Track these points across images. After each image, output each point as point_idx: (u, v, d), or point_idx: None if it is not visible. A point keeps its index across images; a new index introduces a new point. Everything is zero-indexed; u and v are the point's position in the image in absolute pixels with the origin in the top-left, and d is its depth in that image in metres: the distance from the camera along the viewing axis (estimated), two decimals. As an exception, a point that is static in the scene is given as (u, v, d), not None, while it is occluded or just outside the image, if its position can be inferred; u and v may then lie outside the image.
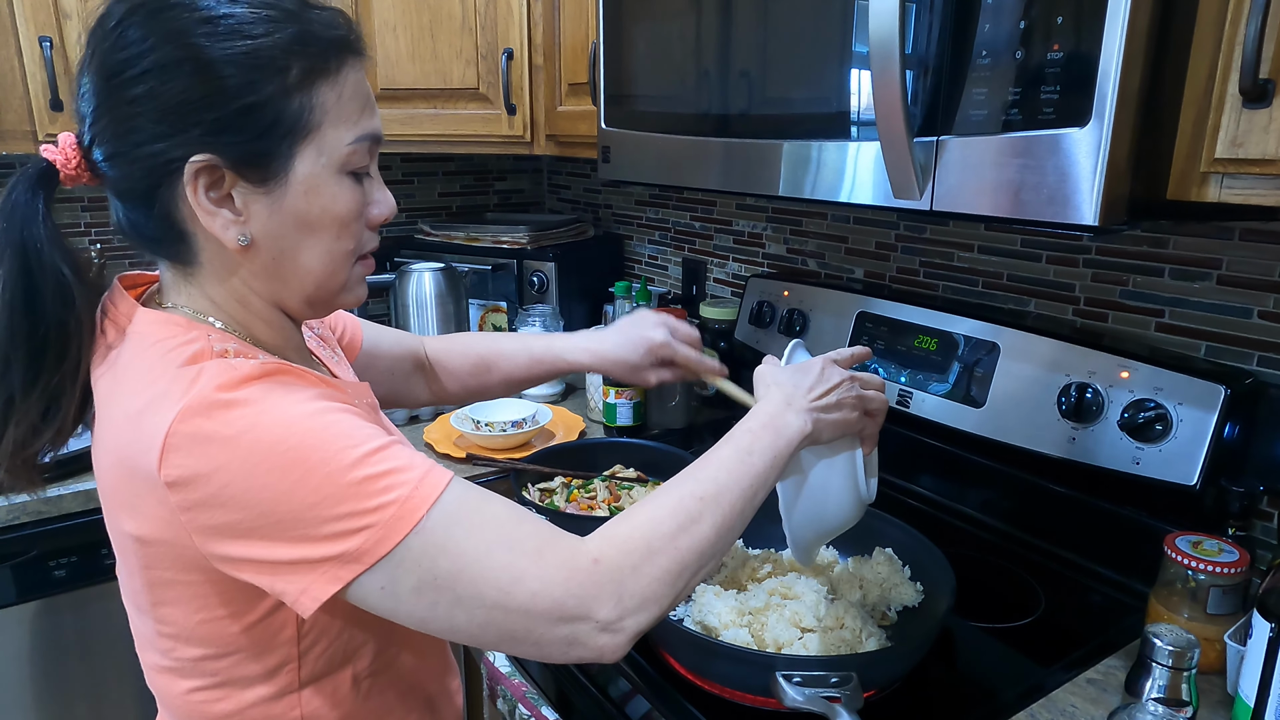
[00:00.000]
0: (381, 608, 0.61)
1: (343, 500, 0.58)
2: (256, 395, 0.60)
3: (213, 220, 0.64)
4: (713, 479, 0.70)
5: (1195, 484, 0.99)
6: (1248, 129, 0.71)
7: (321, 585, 0.59)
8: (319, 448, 0.59)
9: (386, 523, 0.59)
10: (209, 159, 0.62)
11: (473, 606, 0.60)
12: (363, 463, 0.59)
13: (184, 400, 0.59)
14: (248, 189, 0.64)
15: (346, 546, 0.58)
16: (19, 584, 1.40)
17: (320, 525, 0.58)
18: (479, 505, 0.63)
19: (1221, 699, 0.88)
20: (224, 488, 0.58)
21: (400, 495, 0.59)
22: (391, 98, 1.75)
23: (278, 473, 0.58)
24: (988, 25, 0.81)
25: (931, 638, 0.88)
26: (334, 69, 0.65)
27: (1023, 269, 1.31)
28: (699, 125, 1.17)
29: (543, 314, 1.81)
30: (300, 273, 0.69)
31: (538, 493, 1.30)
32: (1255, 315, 1.07)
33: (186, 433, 0.58)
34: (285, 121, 0.63)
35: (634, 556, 0.63)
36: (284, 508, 0.58)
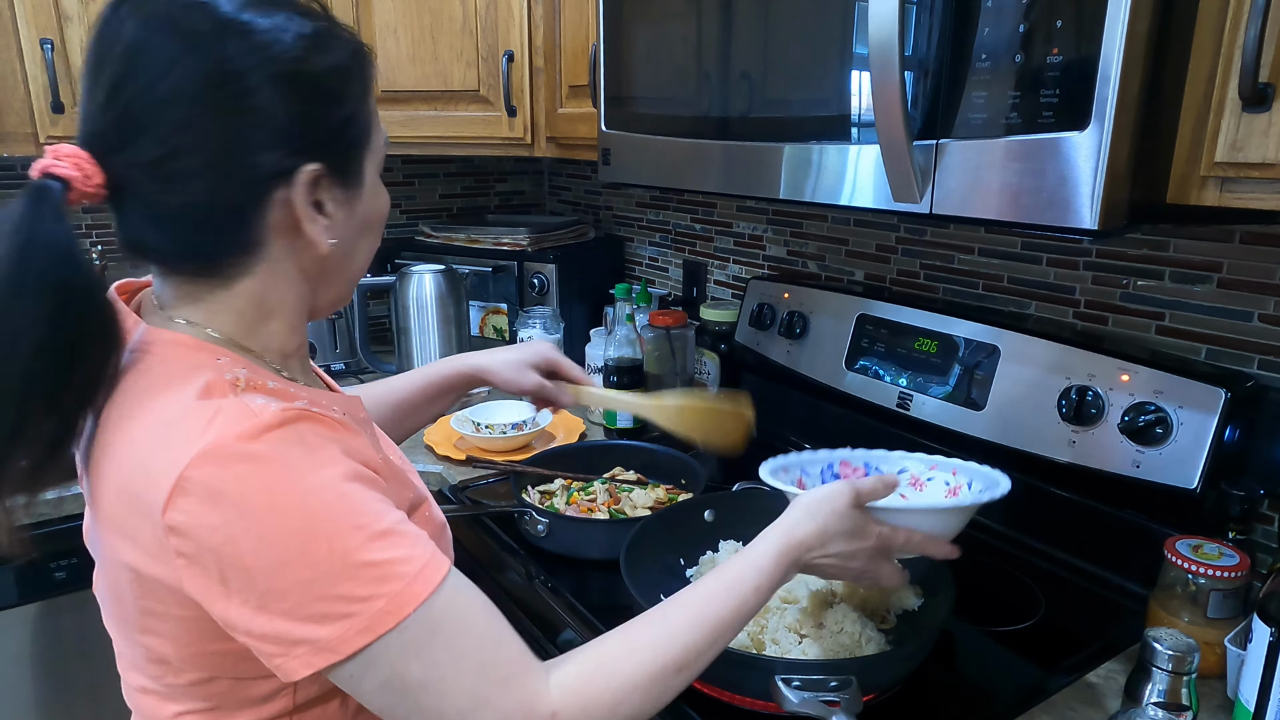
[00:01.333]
0: (345, 687, 0.60)
1: (337, 582, 0.57)
2: (276, 452, 0.58)
3: (314, 226, 0.65)
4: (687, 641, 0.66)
5: (1195, 487, 0.99)
6: (1247, 133, 0.71)
7: (295, 666, 0.58)
8: (329, 523, 0.57)
9: (373, 614, 0.57)
10: (318, 167, 0.64)
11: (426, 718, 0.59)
12: (366, 546, 0.58)
13: (200, 444, 0.56)
14: (336, 194, 0.67)
15: (327, 633, 0.57)
16: (20, 586, 1.40)
17: (309, 604, 0.57)
18: (463, 614, 0.61)
19: (1221, 703, 0.88)
20: (224, 545, 0.56)
21: (392, 590, 0.57)
22: (392, 100, 1.75)
23: (281, 543, 0.56)
24: (987, 29, 0.81)
25: (931, 641, 0.87)
26: (371, 78, 0.69)
27: (1023, 272, 1.31)
28: (699, 128, 1.18)
29: (543, 316, 1.81)
30: (350, 270, 0.73)
31: (537, 495, 1.30)
32: (1256, 319, 1.06)
33: (199, 481, 0.56)
34: (360, 130, 0.68)
35: (593, 695, 0.62)
36: (277, 579, 0.56)
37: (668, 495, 1.30)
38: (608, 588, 1.11)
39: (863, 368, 1.40)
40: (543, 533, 1.17)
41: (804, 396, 1.54)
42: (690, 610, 0.68)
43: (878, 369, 1.38)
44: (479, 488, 1.40)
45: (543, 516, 1.17)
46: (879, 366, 1.38)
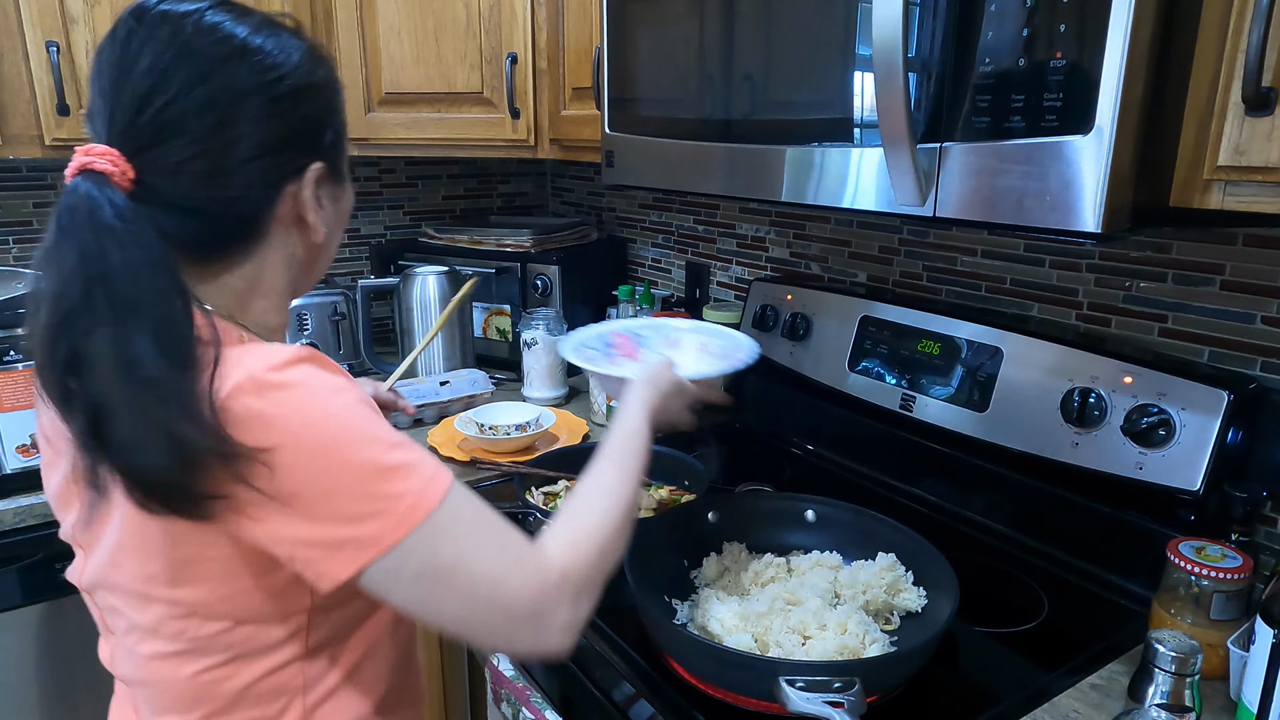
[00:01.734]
0: (380, 589, 0.66)
1: (369, 485, 0.64)
2: (302, 378, 0.65)
3: (317, 215, 0.76)
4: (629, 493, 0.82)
5: (1198, 489, 1.00)
6: (1250, 137, 0.72)
7: (338, 566, 0.64)
8: (355, 436, 0.65)
9: (404, 511, 0.64)
10: (322, 166, 0.74)
11: (464, 598, 0.67)
12: (389, 449, 0.66)
13: (235, 379, 0.63)
14: (329, 189, 0.77)
15: (366, 530, 0.64)
16: (25, 587, 1.40)
17: (348, 503, 0.64)
18: (476, 506, 0.70)
19: (1224, 705, 0.88)
20: (268, 464, 0.62)
21: (416, 486, 0.65)
22: (396, 102, 1.75)
23: (317, 455, 0.63)
24: (991, 32, 0.82)
25: (935, 643, 0.88)
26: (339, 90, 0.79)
27: (1026, 274, 1.31)
28: (702, 130, 1.18)
29: (546, 317, 1.81)
30: (327, 257, 0.83)
31: (541, 496, 1.30)
32: (1259, 321, 1.07)
33: (237, 409, 0.62)
34: (344, 135, 0.79)
35: (590, 571, 0.73)
36: (317, 487, 0.63)
37: (671, 497, 1.30)
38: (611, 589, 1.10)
39: (865, 369, 1.40)
40: (546, 534, 1.17)
41: (806, 398, 1.54)
42: (617, 469, 0.84)
43: (880, 371, 1.38)
44: (483, 489, 1.40)
45: (547, 518, 1.17)
46: (881, 368, 1.38)
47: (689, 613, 1.00)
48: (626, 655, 0.96)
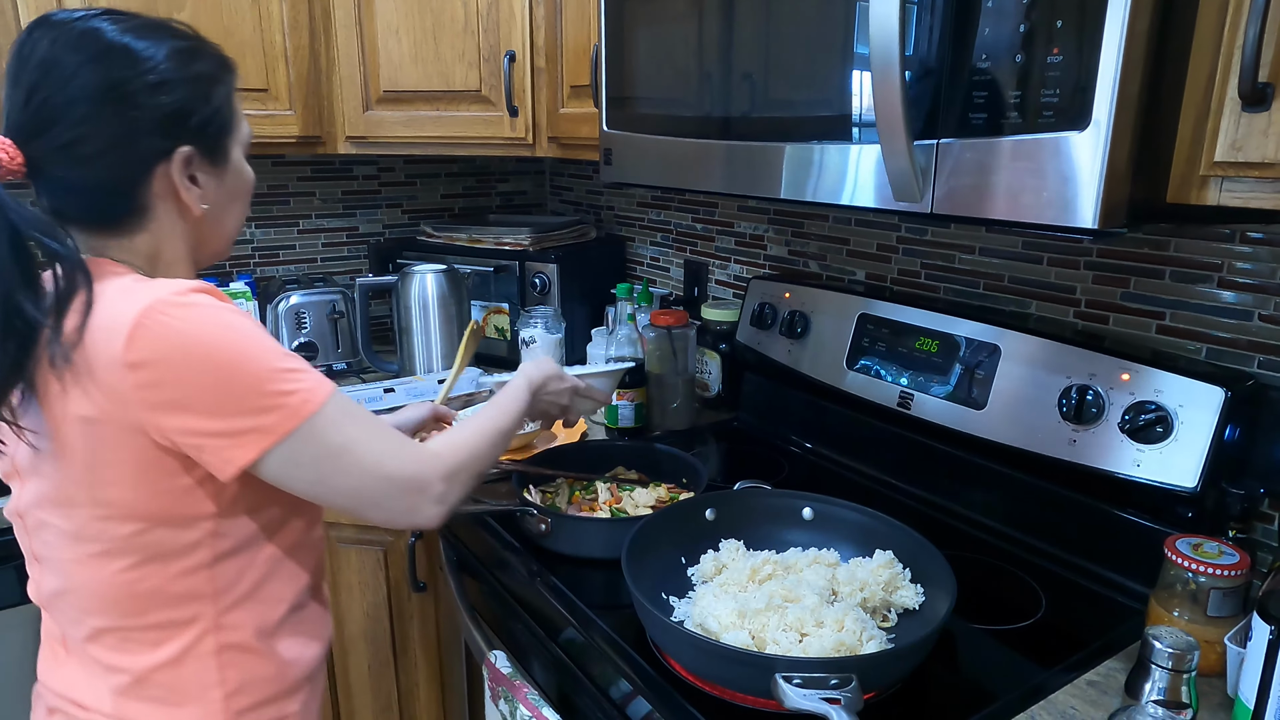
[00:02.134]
0: (280, 476, 0.80)
1: (267, 381, 0.77)
2: (203, 301, 0.77)
3: (188, 194, 0.85)
4: (503, 424, 1.04)
5: (1196, 486, 1.00)
6: (1247, 132, 0.72)
7: (243, 452, 0.77)
8: (251, 344, 0.77)
9: (296, 404, 0.78)
10: (190, 150, 0.83)
11: (353, 473, 0.82)
12: (281, 358, 0.79)
13: (145, 301, 0.75)
14: (207, 171, 0.86)
15: (265, 420, 0.77)
16: (22, 585, 1.40)
17: (248, 399, 0.76)
18: (360, 408, 0.86)
19: (1221, 701, 0.88)
20: (178, 367, 0.74)
21: (306, 385, 0.79)
22: (394, 100, 1.75)
23: (223, 358, 0.76)
24: (988, 28, 0.82)
25: (932, 640, 0.88)
26: (235, 84, 0.90)
27: (1024, 271, 1.31)
28: (701, 128, 1.18)
29: (544, 315, 1.82)
30: (223, 231, 0.92)
31: (539, 494, 1.30)
32: (1256, 318, 1.07)
33: (149, 323, 0.74)
34: (226, 122, 0.88)
35: (463, 461, 0.92)
36: (224, 386, 0.76)
37: (669, 494, 1.30)
38: (609, 586, 1.11)
39: (864, 367, 1.40)
40: (545, 531, 1.17)
41: (805, 396, 1.54)
42: (493, 409, 1.05)
43: (879, 368, 1.38)
44: (481, 487, 1.40)
45: (545, 515, 1.17)
46: (880, 366, 1.38)
47: (686, 610, 1.00)
48: (624, 652, 0.96)
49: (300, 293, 1.92)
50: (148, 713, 0.85)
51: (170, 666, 0.85)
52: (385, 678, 1.68)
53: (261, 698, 0.90)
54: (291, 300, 1.91)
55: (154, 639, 0.84)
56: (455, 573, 1.36)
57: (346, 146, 1.82)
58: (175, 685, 0.85)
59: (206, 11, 1.63)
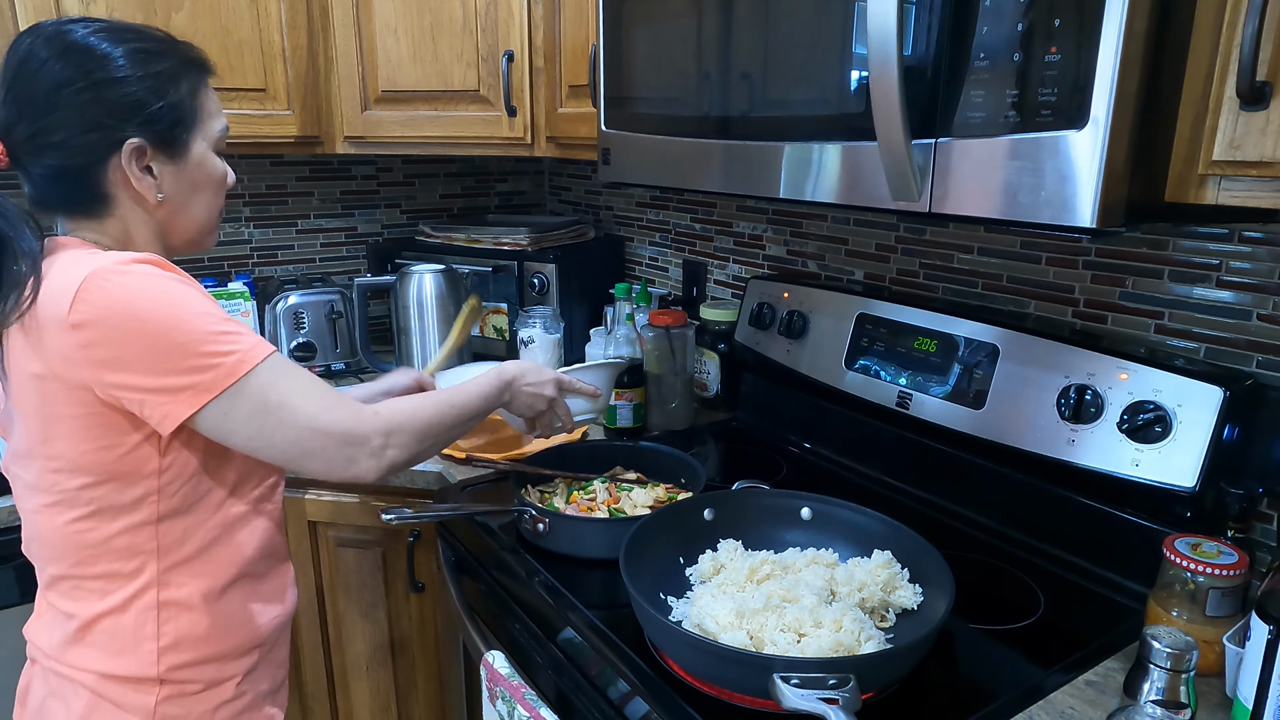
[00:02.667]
0: (219, 431, 0.87)
1: (203, 344, 0.83)
2: (145, 269, 0.84)
3: (141, 183, 0.91)
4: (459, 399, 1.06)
5: (1194, 486, 1.00)
6: (1245, 131, 0.72)
7: (180, 407, 0.84)
8: (189, 307, 0.84)
9: (232, 364, 0.84)
10: (140, 141, 0.90)
11: (290, 427, 0.87)
12: (218, 322, 0.85)
13: (90, 268, 0.82)
14: (162, 162, 0.92)
15: (202, 378, 0.83)
16: (21, 584, 1.40)
17: (184, 359, 0.83)
18: (293, 366, 0.90)
19: (1220, 701, 0.88)
20: (116, 328, 0.81)
21: (243, 346, 0.85)
22: (392, 100, 1.75)
23: (157, 320, 0.82)
24: (986, 28, 0.82)
25: (930, 640, 0.88)
26: (205, 81, 0.96)
27: (1022, 271, 1.31)
28: (699, 127, 1.18)
29: (543, 315, 1.81)
30: (191, 220, 0.98)
31: (537, 494, 1.30)
32: (1255, 318, 1.07)
33: (91, 287, 0.81)
34: (188, 116, 0.93)
35: (408, 429, 0.96)
36: (159, 345, 0.82)
37: (667, 494, 1.30)
38: (607, 586, 1.11)
39: (863, 367, 1.40)
40: (543, 531, 1.17)
41: (804, 396, 1.54)
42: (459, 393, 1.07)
43: (877, 368, 1.38)
44: (479, 487, 1.40)
45: (542, 515, 1.17)
46: (879, 366, 1.38)
47: (684, 610, 1.00)
48: (621, 652, 0.96)
49: (298, 293, 1.92)
50: (89, 658, 0.91)
51: (113, 615, 0.91)
52: (383, 677, 1.68)
53: (199, 656, 0.94)
54: (290, 300, 1.90)
55: (101, 588, 0.91)
56: (453, 573, 1.36)
57: (345, 146, 1.82)
58: (116, 633, 0.91)
59: (205, 11, 1.63)
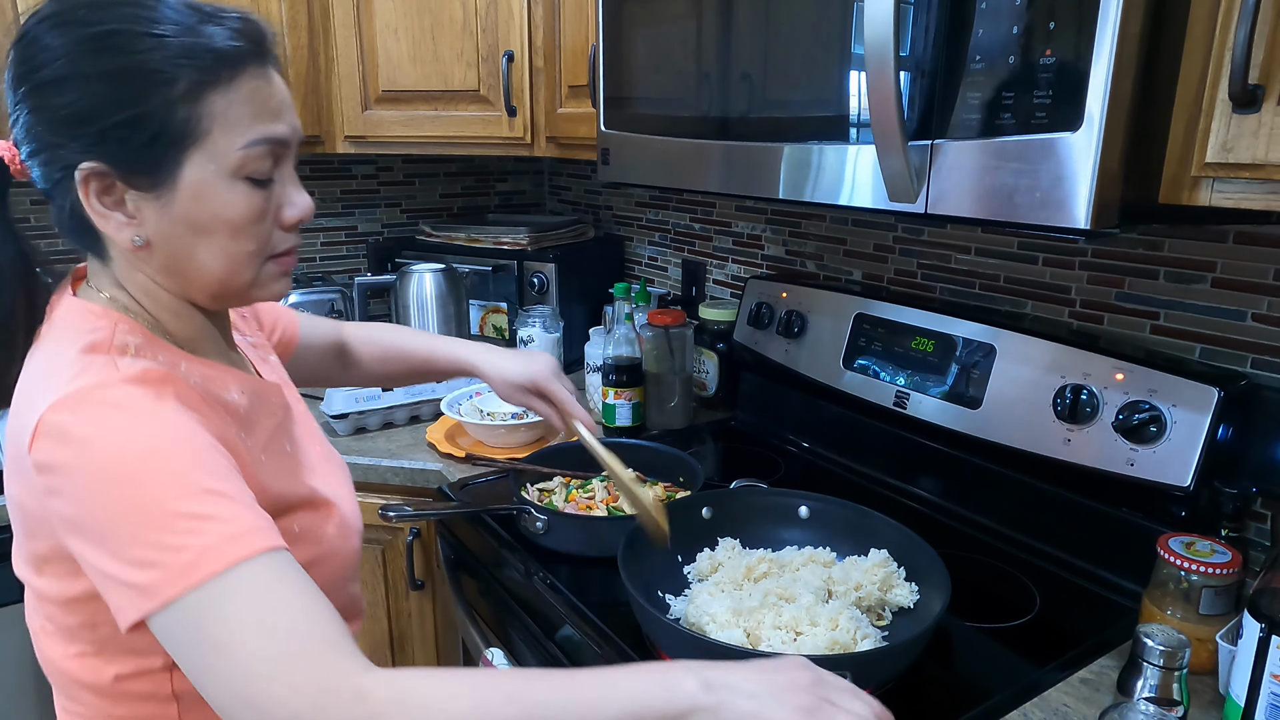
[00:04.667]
0: (164, 643, 0.61)
1: (153, 528, 0.59)
2: (125, 401, 0.63)
3: (106, 222, 0.68)
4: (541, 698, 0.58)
5: (1189, 485, 1.00)
6: (1238, 134, 0.72)
7: (128, 609, 0.60)
8: (154, 468, 0.61)
9: (179, 567, 0.59)
10: (96, 165, 0.66)
11: (221, 685, 0.58)
12: (186, 498, 0.60)
13: (63, 390, 0.62)
14: (138, 194, 0.68)
15: (145, 578, 0.59)
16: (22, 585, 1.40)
17: (129, 547, 0.59)
18: (276, 585, 0.60)
19: (1213, 699, 0.88)
20: (69, 482, 0.61)
21: (201, 544, 0.59)
22: (393, 99, 1.76)
23: (111, 483, 0.60)
24: (982, 30, 0.82)
25: (925, 638, 0.88)
26: (226, 79, 0.68)
27: (1019, 271, 1.32)
28: (699, 128, 1.18)
29: (543, 315, 1.82)
30: (198, 271, 0.72)
31: (536, 492, 1.31)
32: (1249, 318, 1.07)
33: (53, 422, 0.62)
34: (171, 131, 0.66)
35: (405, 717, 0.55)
36: (106, 517, 0.60)
37: (666, 493, 1.31)
38: (606, 584, 1.11)
39: (861, 367, 1.41)
40: (542, 530, 1.17)
41: (802, 395, 1.54)
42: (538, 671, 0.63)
43: (875, 368, 1.39)
44: (478, 485, 1.41)
45: (542, 514, 1.17)
46: (877, 365, 1.39)
47: (682, 608, 1.01)
48: (620, 650, 0.97)
49: (299, 292, 1.92)
50: None
51: None
52: (383, 676, 1.68)
53: None
54: (290, 300, 1.91)
55: None
56: (453, 571, 1.36)
57: (345, 146, 1.82)
58: None
59: (206, 11, 1.63)
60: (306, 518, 0.78)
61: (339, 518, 0.83)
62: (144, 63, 0.65)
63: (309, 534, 0.78)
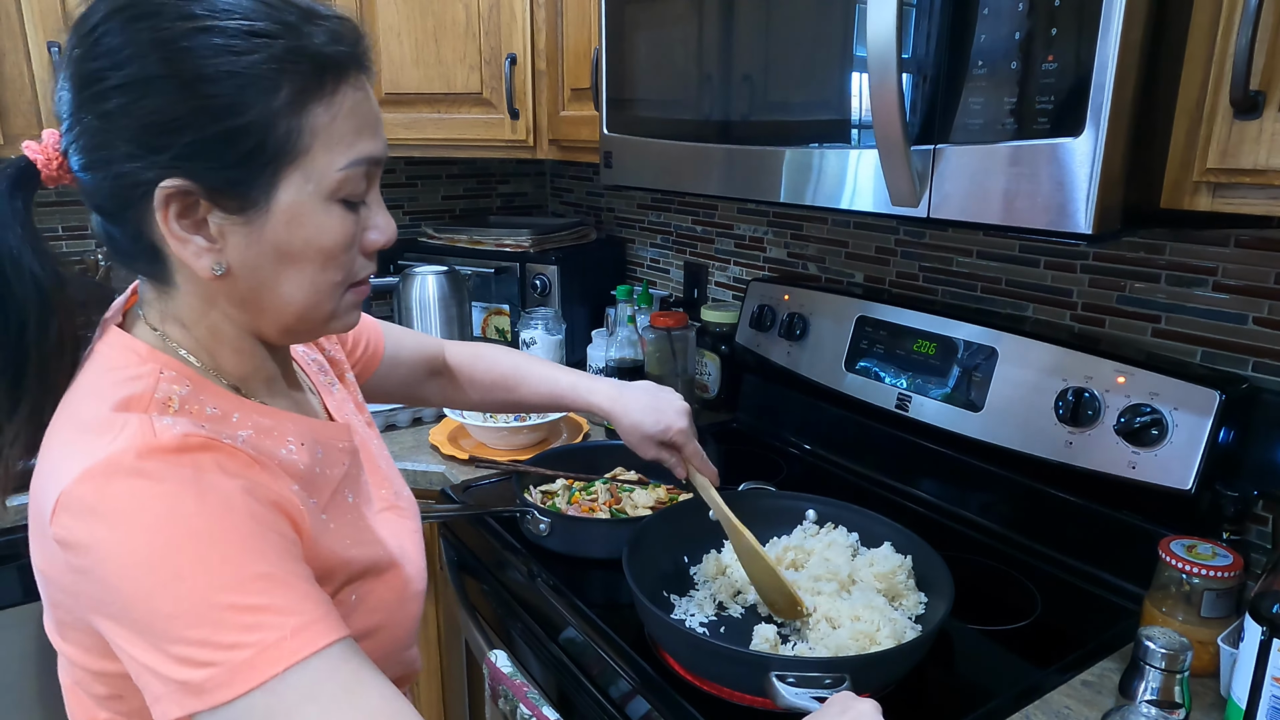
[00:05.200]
0: None
1: (200, 623, 0.53)
2: (161, 473, 0.55)
3: (184, 248, 0.60)
4: None
5: (1190, 488, 1.00)
6: (1239, 140, 0.72)
7: (169, 705, 0.55)
8: (197, 554, 0.54)
9: (236, 666, 0.53)
10: (181, 184, 0.58)
11: None
12: (236, 587, 0.54)
13: (90, 460, 0.55)
14: (223, 216, 0.60)
15: (194, 676, 0.53)
16: (25, 584, 1.41)
17: (172, 643, 0.53)
18: (349, 686, 0.56)
19: (1214, 701, 0.89)
20: (98, 565, 0.54)
21: (263, 640, 0.53)
22: (395, 102, 1.76)
23: (148, 570, 0.53)
24: (984, 35, 0.83)
25: (927, 643, 0.88)
26: (330, 89, 0.61)
27: (1021, 274, 1.32)
28: (701, 131, 1.19)
29: (545, 317, 1.82)
30: (280, 303, 0.65)
31: (539, 495, 1.31)
32: (1250, 321, 1.07)
33: (78, 496, 0.54)
34: (270, 146, 0.59)
35: None
36: (143, 609, 0.53)
37: (669, 495, 1.31)
38: (609, 586, 1.12)
39: (862, 369, 1.41)
40: (545, 532, 1.18)
41: (804, 398, 1.55)
42: None
43: (877, 370, 1.39)
44: (482, 487, 1.41)
45: (544, 516, 1.18)
46: (878, 368, 1.39)
47: (687, 607, 1.01)
48: (623, 652, 0.97)
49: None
50: None
51: None
52: (386, 677, 1.68)
53: None
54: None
55: None
56: (456, 572, 1.36)
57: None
58: None
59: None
60: (366, 585, 0.71)
61: (401, 581, 0.75)
62: (247, 66, 0.57)
63: (367, 603, 0.71)
